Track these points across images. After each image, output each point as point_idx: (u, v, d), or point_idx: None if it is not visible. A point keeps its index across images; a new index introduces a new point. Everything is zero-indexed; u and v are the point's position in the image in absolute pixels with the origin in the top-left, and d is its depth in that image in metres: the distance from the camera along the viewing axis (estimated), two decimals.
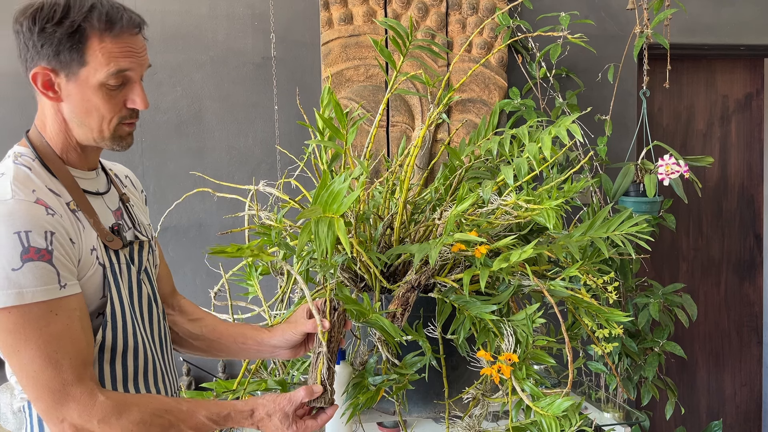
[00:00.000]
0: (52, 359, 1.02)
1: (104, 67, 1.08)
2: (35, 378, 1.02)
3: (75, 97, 1.10)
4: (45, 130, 1.16)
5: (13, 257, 0.99)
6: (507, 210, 1.58)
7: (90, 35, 1.07)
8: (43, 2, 1.08)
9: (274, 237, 1.61)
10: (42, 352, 1.02)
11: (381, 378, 1.52)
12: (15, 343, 1.01)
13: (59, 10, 1.07)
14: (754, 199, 3.26)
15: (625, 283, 2.45)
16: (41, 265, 1.01)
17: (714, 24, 2.87)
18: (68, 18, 1.06)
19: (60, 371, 1.03)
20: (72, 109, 1.12)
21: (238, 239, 2.50)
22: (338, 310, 1.33)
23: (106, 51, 1.08)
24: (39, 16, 1.07)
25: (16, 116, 2.48)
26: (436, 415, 1.77)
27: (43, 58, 1.08)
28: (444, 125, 2.59)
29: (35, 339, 1.01)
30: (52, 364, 1.02)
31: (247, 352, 1.42)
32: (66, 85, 1.10)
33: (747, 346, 3.32)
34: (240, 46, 2.58)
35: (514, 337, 1.47)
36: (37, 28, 1.07)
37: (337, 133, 1.58)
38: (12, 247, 0.99)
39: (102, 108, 1.11)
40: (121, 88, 1.12)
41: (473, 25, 2.60)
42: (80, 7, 1.07)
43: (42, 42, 1.07)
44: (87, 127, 1.13)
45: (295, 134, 2.61)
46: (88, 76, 1.09)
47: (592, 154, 2.54)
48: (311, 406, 1.25)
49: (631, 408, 2.26)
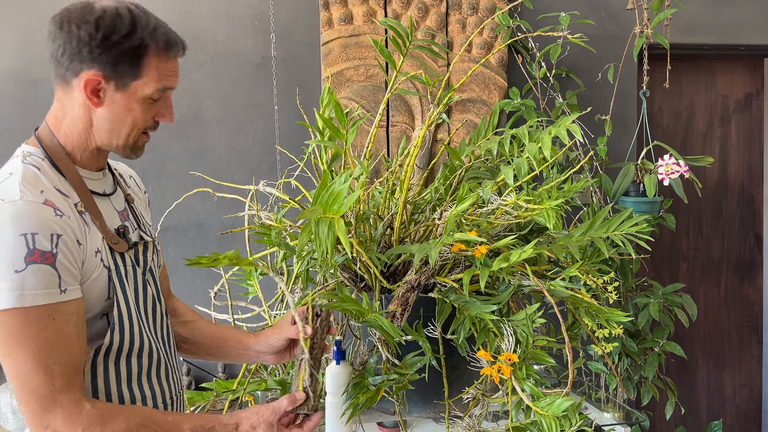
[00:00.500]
0: (44, 364, 1.02)
1: (155, 83, 1.14)
2: (25, 382, 1.02)
3: (118, 105, 1.13)
4: (59, 128, 1.16)
5: (17, 259, 1.00)
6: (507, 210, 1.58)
7: (150, 53, 1.13)
8: (105, 10, 1.10)
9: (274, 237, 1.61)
10: (35, 356, 1.02)
11: (381, 378, 1.52)
12: (11, 345, 1.01)
13: (125, 23, 1.10)
14: (754, 199, 3.26)
15: (625, 283, 2.45)
16: (44, 268, 1.01)
17: (714, 24, 2.87)
18: (136, 33, 1.11)
19: (50, 377, 1.03)
20: (108, 115, 1.14)
21: (238, 239, 2.50)
22: (321, 316, 1.33)
23: (161, 69, 1.15)
24: (103, 24, 1.09)
25: (16, 116, 2.48)
26: (436, 415, 1.77)
27: (98, 65, 1.10)
28: (444, 125, 2.59)
29: (29, 342, 1.01)
30: (42, 369, 1.02)
31: (232, 356, 1.43)
32: (112, 94, 1.13)
33: (747, 346, 3.32)
34: (240, 46, 2.58)
35: (514, 337, 1.47)
36: (100, 36, 1.09)
37: (337, 133, 1.58)
38: (17, 249, 1.00)
39: (138, 118, 1.15)
40: (156, 102, 1.17)
41: (473, 25, 2.60)
42: (146, 25, 1.13)
43: (101, 50, 1.09)
44: (116, 133, 1.15)
45: (295, 134, 2.61)
46: (138, 89, 1.13)
47: (592, 154, 2.54)
48: (296, 413, 1.26)
49: (631, 408, 2.26)
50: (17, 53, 2.47)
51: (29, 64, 2.47)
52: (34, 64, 2.47)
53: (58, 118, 1.16)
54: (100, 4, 1.11)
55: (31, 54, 2.47)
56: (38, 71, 2.47)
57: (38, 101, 2.47)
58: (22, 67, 2.47)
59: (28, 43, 2.46)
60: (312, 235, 1.18)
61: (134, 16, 1.12)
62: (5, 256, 0.99)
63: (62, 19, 1.10)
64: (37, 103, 2.47)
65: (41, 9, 2.47)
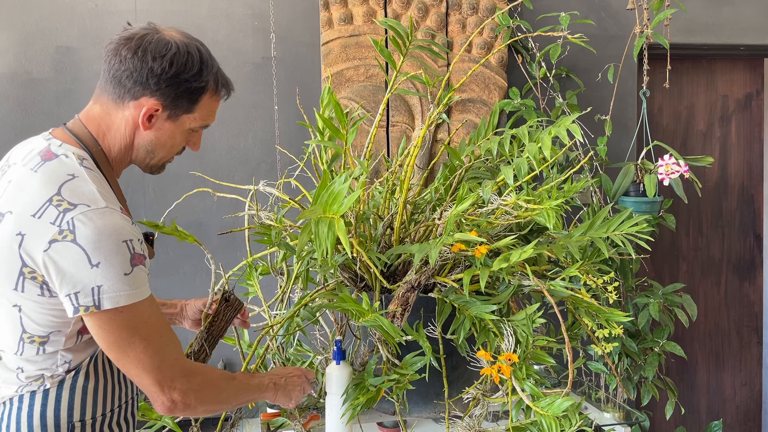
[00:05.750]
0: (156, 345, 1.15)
1: (202, 120, 1.25)
2: (151, 361, 1.13)
3: (164, 132, 1.22)
4: (104, 138, 1.21)
5: (124, 263, 1.08)
6: (507, 210, 1.58)
7: (207, 92, 1.23)
8: (179, 48, 1.17)
9: (274, 237, 1.61)
10: (150, 340, 1.14)
11: (381, 379, 1.53)
12: (129, 337, 1.11)
13: (196, 63, 1.19)
14: (754, 199, 3.26)
15: (625, 283, 2.45)
16: (142, 269, 1.12)
17: (714, 24, 2.87)
18: (203, 75, 1.20)
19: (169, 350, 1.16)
20: (152, 139, 1.22)
21: (239, 239, 2.50)
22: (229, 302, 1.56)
23: (210, 108, 1.26)
24: (177, 62, 1.16)
25: (16, 116, 2.48)
26: (436, 415, 1.77)
27: (159, 96, 1.17)
28: (444, 125, 2.59)
29: (145, 330, 1.13)
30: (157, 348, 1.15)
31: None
32: (163, 122, 1.21)
33: (747, 346, 3.32)
34: (240, 46, 2.58)
35: (514, 337, 1.47)
36: (172, 73, 1.16)
37: (337, 133, 1.58)
38: (123, 254, 1.08)
39: (176, 145, 1.26)
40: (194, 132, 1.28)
41: (473, 25, 2.60)
42: (211, 68, 1.23)
43: (167, 85, 1.16)
44: (152, 154, 1.24)
45: (295, 134, 2.61)
46: (186, 122, 1.23)
47: (592, 154, 2.54)
48: None
49: (631, 408, 2.26)
50: (17, 53, 2.47)
51: (29, 64, 2.47)
52: (34, 64, 2.47)
53: (101, 128, 1.20)
54: (172, 38, 1.18)
55: (31, 54, 2.47)
56: (38, 71, 2.48)
57: (38, 101, 2.47)
58: (22, 66, 2.47)
59: (27, 43, 2.46)
60: (312, 235, 1.18)
61: (203, 58, 1.20)
62: (115, 262, 1.07)
63: (137, 47, 1.15)
64: (37, 103, 2.47)
65: (41, 8, 2.47)
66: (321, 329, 1.94)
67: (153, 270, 1.91)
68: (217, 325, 1.56)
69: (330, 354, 1.59)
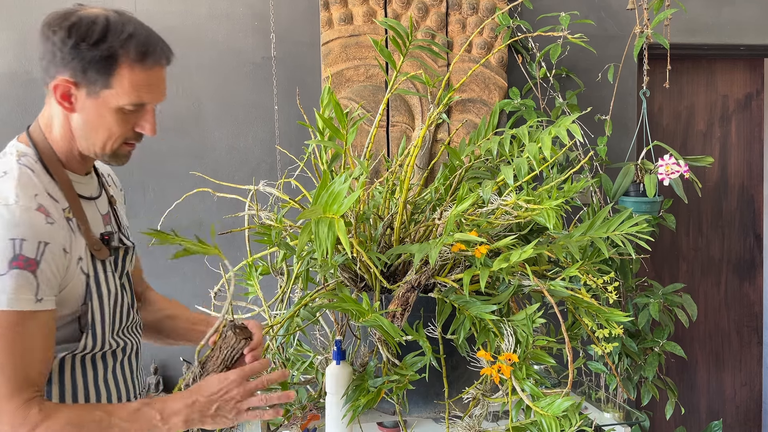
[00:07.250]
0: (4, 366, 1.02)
1: (127, 95, 1.10)
2: None
3: (89, 112, 1.12)
4: (50, 132, 1.16)
5: (1, 262, 1.01)
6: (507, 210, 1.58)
7: (122, 63, 1.09)
8: (81, 16, 1.09)
9: (274, 237, 1.61)
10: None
11: (381, 380, 1.52)
12: None
13: (97, 30, 1.08)
14: (754, 199, 3.26)
15: (625, 283, 2.45)
16: (25, 275, 1.02)
17: (714, 24, 2.87)
18: (105, 42, 1.08)
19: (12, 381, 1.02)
20: (82, 122, 1.13)
21: (239, 239, 2.50)
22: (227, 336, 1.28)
23: (134, 81, 1.10)
24: (75, 31, 1.07)
25: (15, 115, 2.48)
26: (436, 415, 1.77)
27: (68, 71, 1.09)
28: (444, 125, 2.59)
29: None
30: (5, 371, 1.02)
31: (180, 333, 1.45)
32: (84, 100, 1.11)
33: (747, 346, 3.32)
34: (240, 46, 2.58)
35: (514, 337, 1.47)
36: (71, 43, 1.07)
37: (337, 133, 1.58)
38: (3, 252, 1.01)
39: (113, 128, 1.13)
40: (134, 113, 1.14)
41: (473, 25, 2.60)
42: (119, 33, 1.09)
43: (72, 57, 1.08)
44: (91, 141, 1.14)
45: (295, 134, 2.61)
46: (109, 99, 1.11)
47: (592, 154, 2.54)
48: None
49: (631, 408, 2.26)
50: (17, 52, 2.47)
51: (29, 63, 2.47)
52: (34, 63, 2.47)
53: (48, 122, 1.17)
54: (84, 10, 1.10)
55: (31, 53, 2.47)
56: (38, 70, 2.47)
57: (38, 100, 2.47)
58: (22, 66, 2.47)
59: (27, 42, 2.46)
60: (312, 235, 1.18)
61: (109, 23, 1.08)
62: None
63: (43, 24, 1.10)
64: (37, 102, 2.47)
65: (41, 8, 2.46)
66: (321, 329, 1.94)
67: (153, 270, 1.91)
68: (213, 361, 1.29)
69: (330, 354, 1.59)
